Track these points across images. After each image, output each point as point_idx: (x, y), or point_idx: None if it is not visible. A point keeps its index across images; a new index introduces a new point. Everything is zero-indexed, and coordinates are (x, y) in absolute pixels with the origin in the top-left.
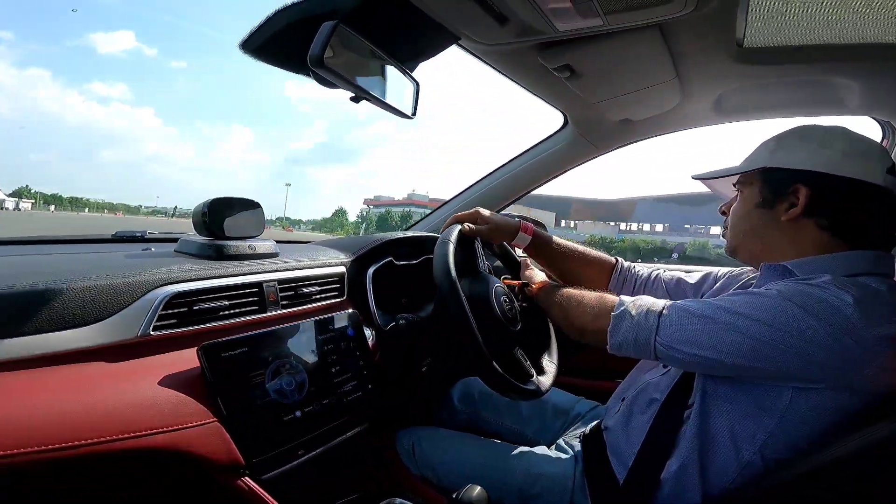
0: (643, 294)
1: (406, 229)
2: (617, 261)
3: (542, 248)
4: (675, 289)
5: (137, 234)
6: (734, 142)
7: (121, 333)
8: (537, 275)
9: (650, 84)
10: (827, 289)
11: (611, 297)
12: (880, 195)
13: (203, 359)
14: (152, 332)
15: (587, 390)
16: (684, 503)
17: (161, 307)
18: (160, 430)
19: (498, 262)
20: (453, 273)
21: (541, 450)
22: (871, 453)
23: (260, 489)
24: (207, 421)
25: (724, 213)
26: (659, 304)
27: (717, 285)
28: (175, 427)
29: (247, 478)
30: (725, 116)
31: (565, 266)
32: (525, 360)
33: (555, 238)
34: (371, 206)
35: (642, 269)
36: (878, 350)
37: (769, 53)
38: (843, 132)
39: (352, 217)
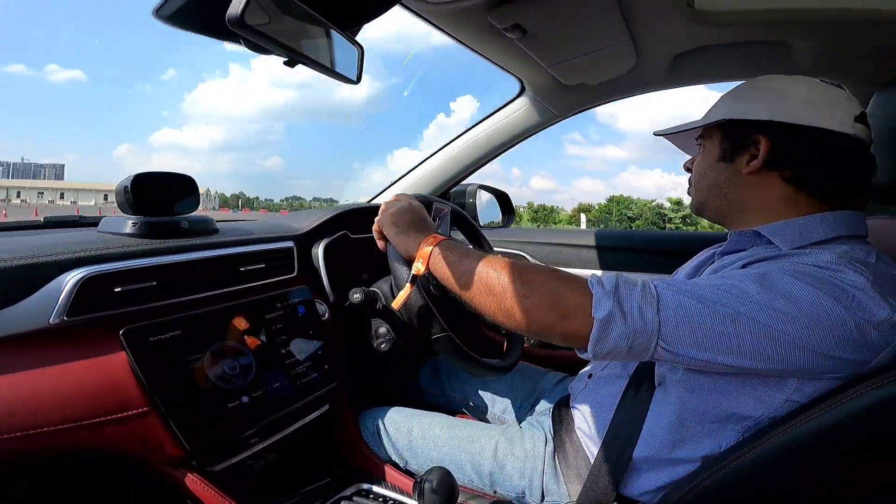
0: None
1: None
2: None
3: None
4: None
5: (69, 219)
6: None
7: (30, 322)
8: None
9: (603, 46)
10: (841, 272)
11: (574, 281)
12: (849, 145)
13: (125, 344)
14: (67, 318)
15: (554, 361)
16: (658, 482)
17: (75, 291)
18: (73, 423)
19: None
20: None
21: (511, 429)
22: (854, 424)
23: (207, 482)
24: (135, 411)
25: (688, 170)
26: (650, 289)
27: (688, 267)
28: (94, 419)
29: (190, 470)
30: (681, 79)
31: None
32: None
33: None
34: None
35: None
36: (892, 337)
37: (721, 15)
38: (805, 81)
39: None
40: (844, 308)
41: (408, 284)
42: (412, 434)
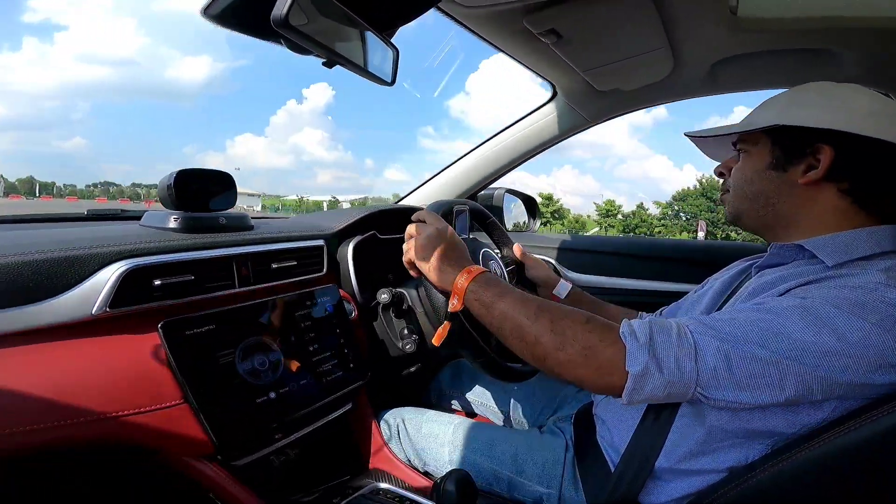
0: None
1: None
2: (638, 314)
3: (579, 299)
4: (666, 314)
5: (110, 212)
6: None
7: (73, 312)
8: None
9: (640, 52)
10: (887, 292)
11: (607, 333)
12: None
13: (163, 337)
14: (109, 310)
15: None
16: (680, 492)
17: (119, 283)
18: (114, 414)
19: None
20: None
21: (532, 433)
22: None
23: (229, 475)
24: (169, 404)
25: (721, 176)
26: (686, 338)
27: (706, 284)
28: (130, 411)
29: (215, 464)
30: (718, 87)
31: None
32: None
33: (587, 294)
34: None
35: (648, 315)
36: None
37: (764, 22)
38: (865, 91)
39: None
40: (892, 335)
41: (446, 322)
42: (430, 436)
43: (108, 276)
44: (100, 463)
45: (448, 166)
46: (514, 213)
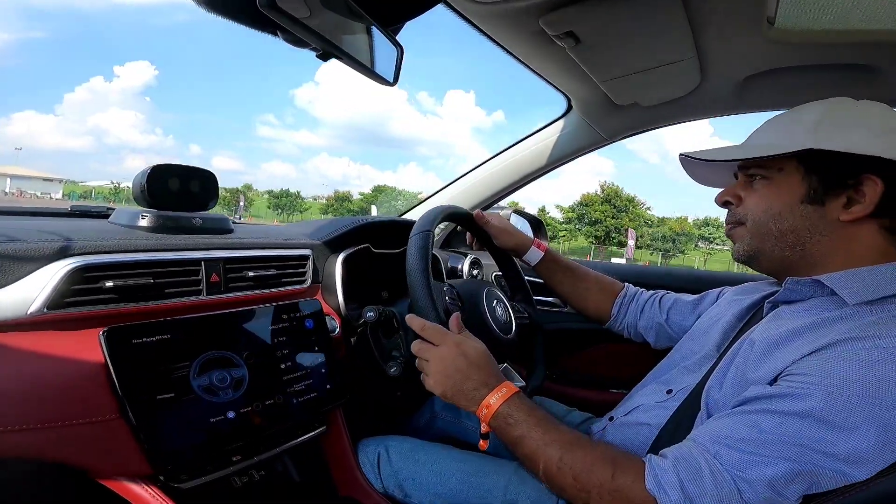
0: (640, 316)
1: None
2: (625, 285)
3: (552, 268)
4: (672, 308)
5: (94, 210)
6: None
7: (5, 311)
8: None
9: (666, 62)
10: None
11: (633, 478)
12: None
13: (104, 344)
14: (48, 311)
15: (579, 401)
16: None
17: (62, 282)
18: (35, 425)
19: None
20: (425, 263)
21: None
22: None
23: (168, 499)
24: (102, 418)
25: (726, 205)
26: (723, 479)
27: (718, 301)
28: (56, 424)
29: (154, 486)
30: (746, 104)
31: (575, 288)
32: (513, 374)
33: (563, 258)
34: None
35: (645, 292)
36: None
37: (804, 34)
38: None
39: None
40: None
41: (482, 440)
42: (418, 465)
43: (51, 274)
44: (16, 481)
45: (452, 182)
46: None
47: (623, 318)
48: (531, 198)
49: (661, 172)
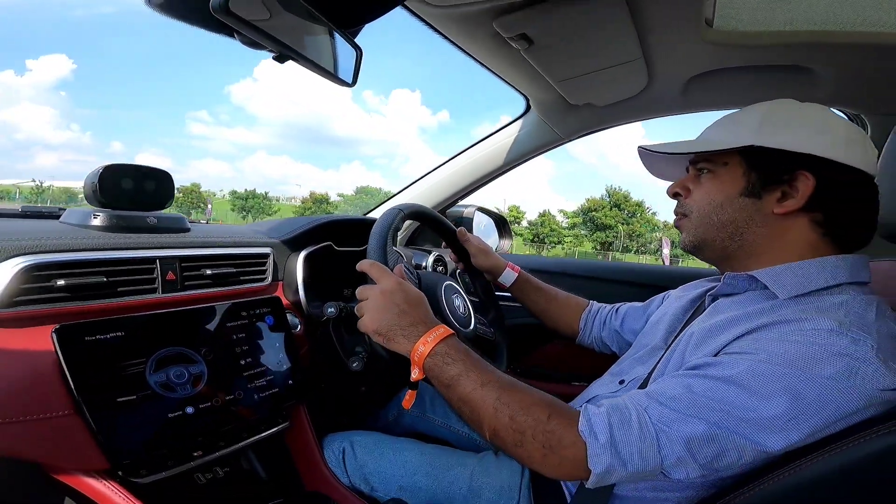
0: (602, 328)
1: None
2: (589, 303)
3: (525, 288)
4: (626, 315)
5: (45, 211)
6: None
7: None
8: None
9: (614, 63)
10: (842, 343)
11: (567, 431)
12: (874, 189)
13: (56, 342)
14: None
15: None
16: None
17: (12, 281)
18: None
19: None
20: (389, 224)
21: (487, 458)
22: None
23: (129, 493)
24: (57, 414)
25: (676, 197)
26: (648, 430)
27: (664, 301)
28: (9, 420)
29: (112, 481)
30: (693, 104)
31: (547, 307)
32: None
33: (535, 279)
34: None
35: (606, 306)
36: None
37: (740, 36)
38: (834, 113)
39: None
40: (849, 387)
41: (410, 391)
42: (383, 459)
43: (1, 274)
44: None
45: (413, 182)
46: (485, 232)
47: (590, 333)
48: (527, 200)
49: (595, 172)
